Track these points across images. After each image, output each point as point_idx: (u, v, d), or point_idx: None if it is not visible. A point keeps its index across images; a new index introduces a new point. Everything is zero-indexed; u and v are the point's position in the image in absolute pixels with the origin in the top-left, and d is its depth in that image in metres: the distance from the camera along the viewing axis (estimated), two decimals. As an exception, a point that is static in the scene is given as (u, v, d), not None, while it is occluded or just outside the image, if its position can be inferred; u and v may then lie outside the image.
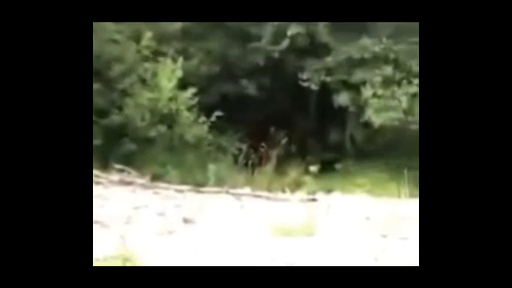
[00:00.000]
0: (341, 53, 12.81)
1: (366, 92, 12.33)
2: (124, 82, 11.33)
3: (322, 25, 12.73)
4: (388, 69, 12.45)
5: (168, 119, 11.46)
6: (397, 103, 12.11)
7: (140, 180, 9.61)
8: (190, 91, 11.51)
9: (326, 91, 12.92)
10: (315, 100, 13.72)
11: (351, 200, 8.88)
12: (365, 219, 7.57)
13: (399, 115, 12.05)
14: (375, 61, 12.61)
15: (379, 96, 12.28)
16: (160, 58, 11.68)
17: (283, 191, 9.77)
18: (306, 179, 9.94)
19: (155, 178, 9.95)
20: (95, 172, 8.97)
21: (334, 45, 12.92)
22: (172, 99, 11.50)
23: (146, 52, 11.69)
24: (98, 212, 6.63)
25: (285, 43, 12.77)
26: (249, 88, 13.18)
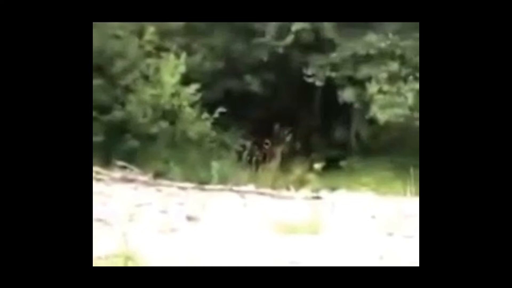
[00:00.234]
0: (347, 49, 12.73)
1: (372, 88, 12.23)
2: (127, 78, 11.25)
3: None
4: (394, 65, 12.36)
5: (171, 115, 11.38)
6: (403, 100, 12.01)
7: (143, 177, 9.58)
8: (193, 87, 11.45)
9: (331, 87, 12.84)
10: (320, 97, 13.64)
11: (356, 198, 8.88)
12: (371, 217, 7.57)
13: (405, 112, 11.93)
14: (381, 57, 12.52)
15: (385, 92, 12.19)
16: (163, 54, 11.62)
17: (288, 189, 9.73)
18: (311, 177, 9.91)
19: (158, 175, 9.90)
20: (97, 169, 8.93)
21: (339, 41, 12.83)
22: (175, 95, 11.43)
23: (149, 48, 11.62)
24: (100, 210, 6.60)
25: (290, 39, 12.67)
26: (253, 84, 13.08)
